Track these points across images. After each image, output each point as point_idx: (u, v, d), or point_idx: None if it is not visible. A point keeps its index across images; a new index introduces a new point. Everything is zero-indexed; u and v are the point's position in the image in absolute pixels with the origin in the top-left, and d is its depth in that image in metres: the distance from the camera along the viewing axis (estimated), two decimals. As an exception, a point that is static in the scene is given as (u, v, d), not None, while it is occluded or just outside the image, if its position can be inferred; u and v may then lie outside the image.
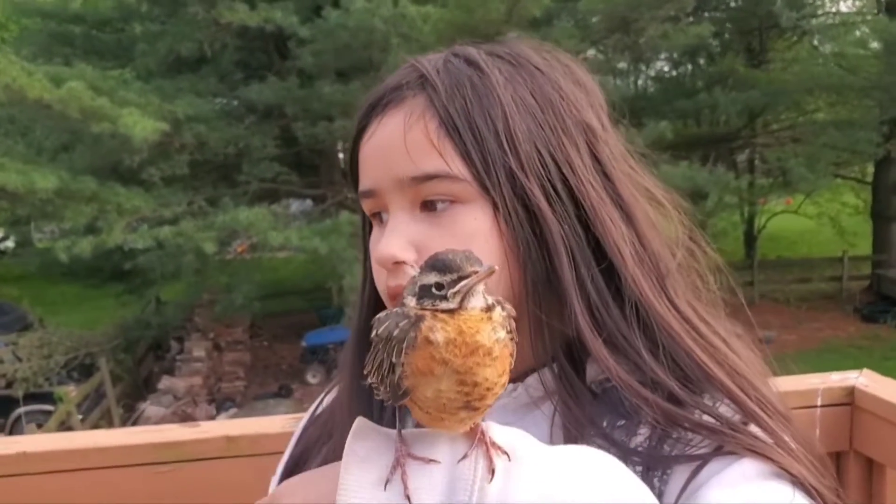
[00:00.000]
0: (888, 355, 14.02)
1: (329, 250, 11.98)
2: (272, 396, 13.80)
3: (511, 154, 0.91)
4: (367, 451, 0.70)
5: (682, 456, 0.83)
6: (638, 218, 0.96)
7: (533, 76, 0.97)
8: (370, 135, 0.96)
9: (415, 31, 11.86)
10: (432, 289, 0.66)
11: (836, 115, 19.66)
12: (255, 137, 14.39)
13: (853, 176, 21.37)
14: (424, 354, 0.64)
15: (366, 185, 0.97)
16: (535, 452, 0.69)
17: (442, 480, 0.67)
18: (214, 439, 1.93)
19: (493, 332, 0.65)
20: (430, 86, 0.94)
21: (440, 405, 0.66)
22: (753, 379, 0.92)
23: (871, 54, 18.87)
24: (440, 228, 0.91)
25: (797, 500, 0.79)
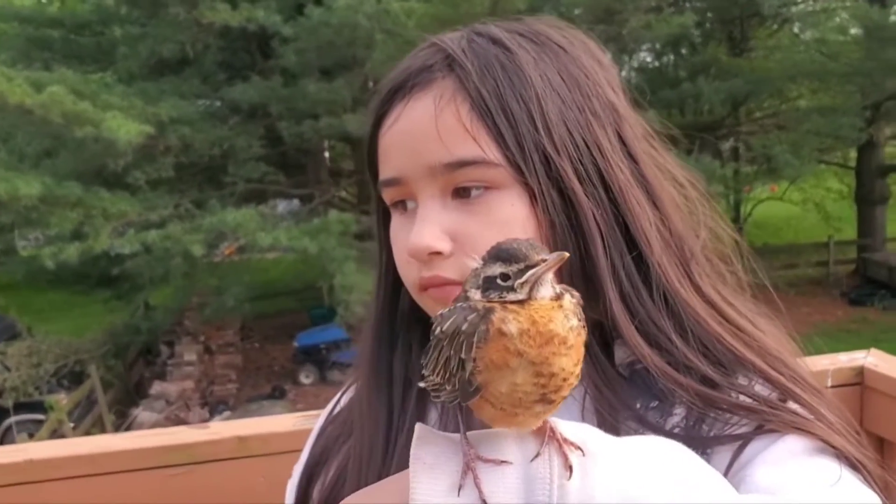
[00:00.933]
0: (878, 337, 14.13)
1: (319, 250, 11.96)
2: (265, 398, 13.75)
3: (545, 137, 0.89)
4: (433, 456, 0.66)
5: (724, 436, 0.82)
6: (663, 200, 0.95)
7: (557, 55, 0.95)
8: (393, 120, 0.92)
9: (399, 27, 11.83)
10: (497, 280, 0.63)
11: (819, 101, 19.80)
12: (241, 138, 14.34)
13: (836, 161, 21.53)
14: (498, 347, 0.61)
15: (390, 174, 0.93)
16: (609, 446, 0.67)
17: (516, 481, 0.64)
18: (225, 440, 1.91)
19: (566, 319, 0.63)
20: (459, 66, 0.90)
21: (515, 400, 0.63)
22: (785, 357, 0.91)
23: (851, 40, 19.00)
24: (475, 216, 0.89)
25: (844, 473, 0.77)
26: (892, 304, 17.20)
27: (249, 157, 14.53)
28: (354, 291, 11.81)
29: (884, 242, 20.27)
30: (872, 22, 16.95)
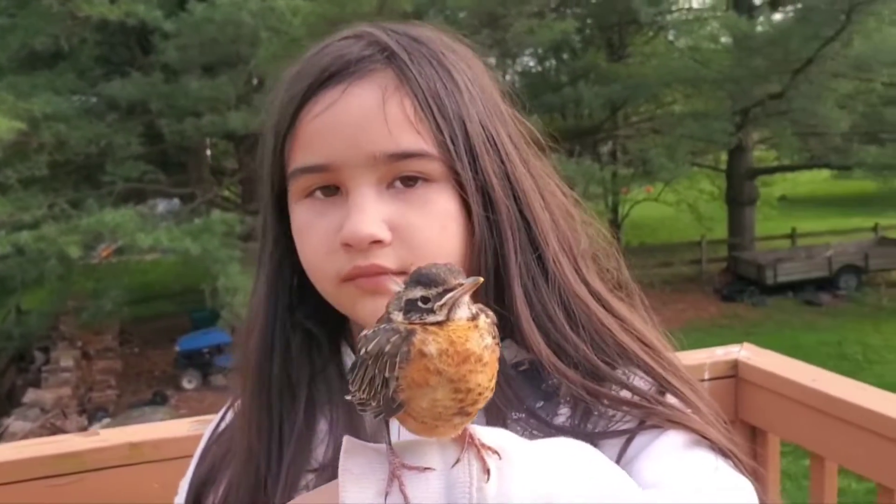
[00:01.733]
0: (749, 331, 14.87)
1: (202, 251, 11.67)
2: (147, 404, 13.33)
3: (473, 137, 0.91)
4: (360, 467, 0.69)
5: (608, 432, 0.86)
6: (552, 202, 0.99)
7: (468, 62, 0.97)
8: (326, 106, 0.89)
9: (284, 25, 11.71)
10: (418, 302, 0.66)
11: (692, 106, 20.67)
12: (119, 135, 13.84)
13: (708, 164, 22.49)
14: (419, 367, 0.65)
15: (316, 160, 0.90)
16: (523, 449, 0.70)
17: (439, 485, 0.67)
18: (116, 447, 1.86)
19: (482, 339, 0.66)
20: (400, 60, 0.91)
21: (436, 413, 0.67)
22: (663, 350, 0.96)
23: (722, 48, 19.93)
24: (412, 207, 0.89)
25: (720, 464, 0.83)
26: (761, 300, 18.10)
27: (128, 155, 14.03)
28: (239, 293, 11.57)
29: (752, 241, 21.30)
30: (741, 31, 17.87)
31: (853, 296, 18.34)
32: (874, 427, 1.65)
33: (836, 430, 1.78)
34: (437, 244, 0.90)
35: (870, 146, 19.41)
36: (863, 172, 19.32)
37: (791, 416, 1.89)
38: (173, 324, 16.76)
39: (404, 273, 0.84)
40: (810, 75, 17.33)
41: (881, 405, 1.67)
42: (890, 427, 1.61)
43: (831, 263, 18.92)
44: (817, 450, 1.88)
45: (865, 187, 25.37)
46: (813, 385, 1.84)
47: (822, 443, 1.86)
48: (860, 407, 1.69)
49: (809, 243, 21.67)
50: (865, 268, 19.11)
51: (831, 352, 13.90)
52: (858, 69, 17.31)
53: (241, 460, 0.97)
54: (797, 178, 28.28)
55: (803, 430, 1.89)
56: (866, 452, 1.71)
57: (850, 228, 23.49)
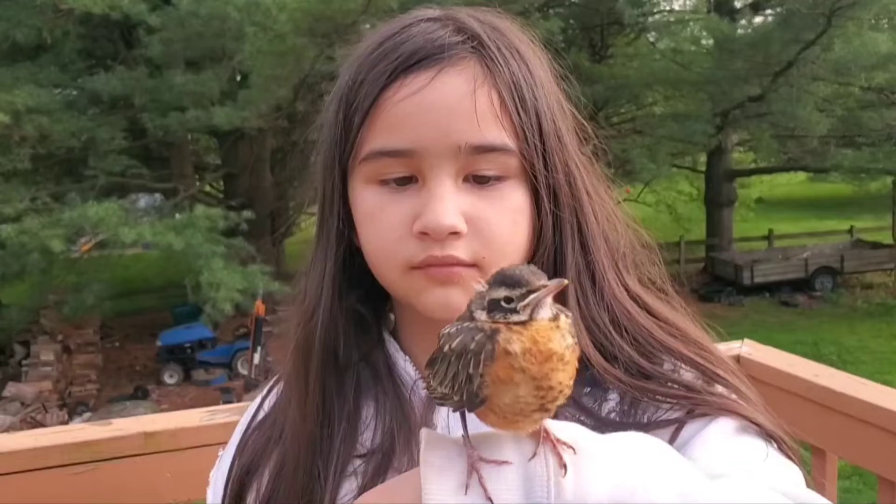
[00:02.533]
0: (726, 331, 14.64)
1: (185, 245, 11.59)
2: (128, 399, 13.24)
3: (547, 134, 0.92)
4: (441, 459, 0.70)
5: (660, 421, 0.88)
6: (599, 204, 1.00)
7: (540, 57, 0.98)
8: (414, 90, 0.88)
9: (270, 20, 11.66)
10: (502, 302, 0.68)
11: (673, 108, 20.76)
12: (102, 129, 13.71)
13: (688, 166, 22.64)
14: (504, 364, 0.67)
15: (401, 144, 0.88)
16: (598, 444, 0.71)
17: (517, 480, 0.68)
18: (131, 436, 1.88)
19: (563, 339, 0.69)
20: (488, 52, 0.90)
21: (517, 409, 0.68)
22: (705, 342, 0.98)
23: (703, 51, 20.06)
24: (489, 202, 0.90)
25: (770, 450, 0.85)
26: (737, 301, 18.27)
27: (111, 149, 13.90)
28: (222, 289, 11.51)
29: (730, 242, 21.48)
30: (723, 34, 17.98)
31: (829, 297, 18.55)
32: (875, 420, 1.71)
33: (838, 423, 1.84)
34: (508, 239, 0.91)
35: (846, 150, 19.62)
36: (839, 176, 19.52)
37: (793, 410, 1.95)
38: (155, 319, 16.66)
39: (475, 266, 0.89)
40: (790, 78, 17.48)
41: (881, 399, 1.73)
42: (890, 420, 1.67)
43: (807, 265, 19.13)
44: (819, 443, 1.94)
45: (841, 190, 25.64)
46: (815, 380, 1.91)
47: (823, 436, 1.92)
48: (861, 401, 1.75)
49: (786, 245, 21.88)
50: (841, 270, 19.34)
51: (807, 352, 14.04)
52: (837, 73, 17.47)
53: (291, 444, 0.97)
54: (774, 180, 28.55)
55: (805, 424, 1.94)
56: (867, 446, 1.77)
57: (825, 231, 23.77)
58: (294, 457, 0.97)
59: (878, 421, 1.71)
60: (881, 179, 19.41)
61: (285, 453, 0.98)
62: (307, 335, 0.97)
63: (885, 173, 18.21)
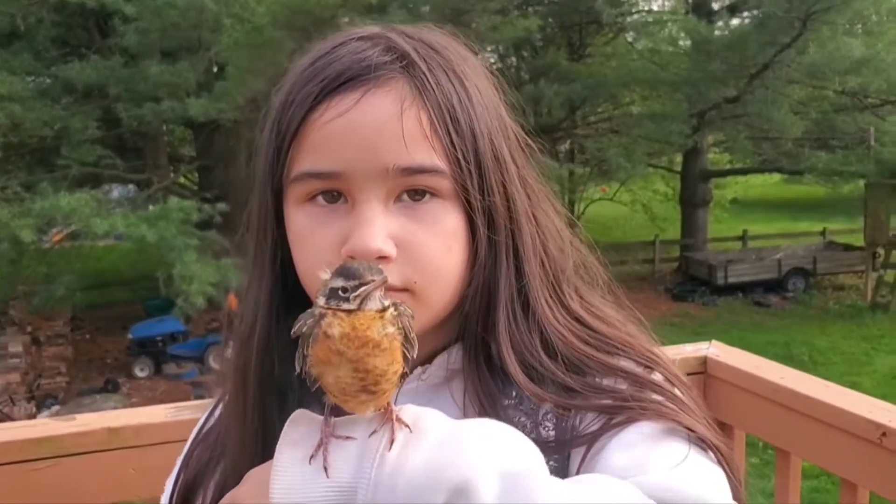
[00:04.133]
0: (698, 331, 15.11)
1: (158, 238, 11.49)
2: (98, 392, 13.10)
3: (482, 154, 0.91)
4: (299, 434, 0.77)
5: (581, 436, 0.89)
6: (543, 225, 0.99)
7: (478, 76, 0.96)
8: (340, 112, 0.87)
9: (248, 12, 11.59)
10: (339, 291, 0.75)
11: (650, 108, 20.91)
12: (75, 119, 13.54)
13: (663, 165, 22.80)
14: (324, 346, 0.74)
15: (328, 166, 0.88)
16: (435, 424, 0.76)
17: (354, 452, 0.75)
18: (95, 432, 1.87)
19: (383, 328, 0.75)
20: (418, 71, 0.89)
21: (341, 389, 0.76)
22: (649, 348, 0.98)
23: (681, 51, 20.20)
24: (420, 223, 0.89)
25: (692, 453, 0.83)
26: (711, 300, 18.40)
27: (84, 139, 13.73)
28: (195, 282, 11.43)
29: (705, 242, 21.65)
30: (700, 35, 18.13)
31: (801, 298, 18.71)
32: (839, 423, 1.73)
33: (803, 425, 1.85)
34: (441, 262, 0.90)
35: (820, 152, 19.85)
36: (813, 178, 19.72)
37: (758, 412, 1.97)
38: (126, 311, 16.51)
39: (407, 290, 0.88)
40: (766, 81, 17.65)
41: (845, 402, 1.75)
42: (854, 423, 1.69)
43: (780, 266, 19.29)
44: (783, 445, 1.96)
45: (815, 192, 25.92)
46: (781, 382, 1.92)
47: (788, 438, 1.94)
48: (826, 404, 1.77)
49: (759, 246, 22.06)
50: (813, 271, 19.52)
51: (779, 352, 14.18)
52: (812, 76, 17.67)
53: (231, 467, 0.97)
54: (749, 181, 28.80)
55: (770, 425, 1.96)
56: (831, 448, 1.79)
57: (798, 232, 24.00)
58: (227, 474, 0.98)
59: (840, 423, 1.73)
60: (854, 182, 19.60)
61: (227, 474, 0.98)
62: (244, 360, 0.97)
63: (857, 176, 18.41)
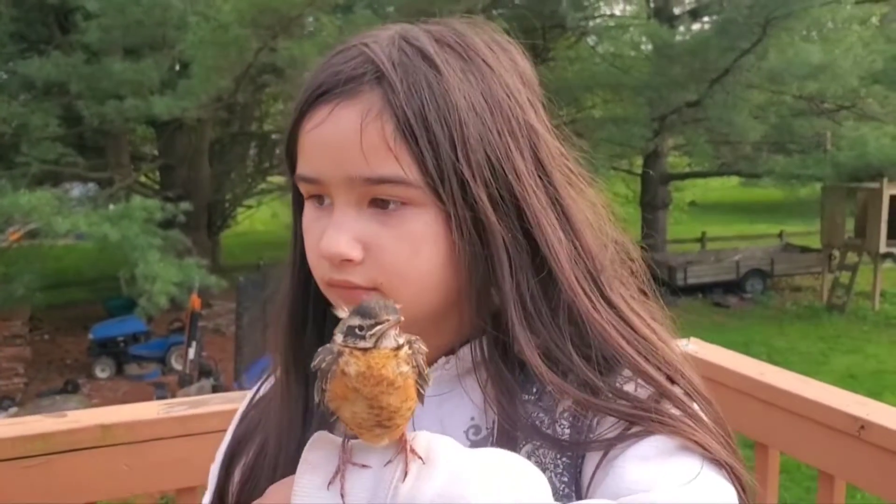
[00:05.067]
0: (660, 332, 15.27)
1: (121, 237, 11.33)
2: (58, 393, 12.85)
3: (464, 163, 0.91)
4: (318, 458, 0.81)
5: (596, 441, 0.90)
6: (576, 219, 0.99)
7: (483, 75, 0.96)
8: (316, 123, 0.92)
9: (213, 10, 11.49)
10: (356, 329, 0.78)
11: (611, 111, 21.08)
12: (35, 115, 13.31)
13: (624, 168, 23.02)
14: (340, 384, 0.78)
15: (309, 173, 0.95)
16: (446, 455, 0.79)
17: (369, 481, 0.78)
18: (88, 429, 1.87)
19: (398, 367, 0.78)
20: (388, 83, 0.90)
21: (357, 423, 0.79)
22: (679, 363, 0.98)
23: (643, 56, 20.43)
24: (389, 228, 0.92)
25: (705, 471, 0.83)
26: (672, 301, 18.63)
27: (44, 136, 13.52)
28: (158, 282, 11.31)
29: (665, 244, 21.93)
30: (662, 40, 18.32)
31: (759, 299, 19.05)
32: (819, 417, 1.80)
33: (782, 420, 1.92)
34: (406, 265, 0.92)
35: (778, 156, 20.17)
36: (770, 181, 20.02)
37: (738, 406, 2.03)
38: (87, 311, 16.27)
39: (375, 289, 0.93)
40: (726, 85, 17.89)
41: (826, 397, 1.83)
42: (834, 417, 1.76)
43: (739, 267, 19.60)
44: (762, 439, 2.03)
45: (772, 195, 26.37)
46: (761, 378, 1.99)
47: (767, 432, 2.01)
48: (806, 399, 1.84)
49: (718, 247, 22.40)
50: (771, 272, 19.87)
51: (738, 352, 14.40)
52: (772, 81, 17.95)
53: (271, 427, 1.06)
54: (708, 184, 29.23)
55: (749, 420, 2.03)
56: (810, 441, 1.86)
57: (756, 234, 24.44)
58: (272, 439, 1.06)
59: (820, 417, 1.80)
60: (810, 185, 19.99)
61: (267, 434, 1.07)
62: (275, 339, 1.08)
63: (814, 179, 18.75)
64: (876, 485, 1.67)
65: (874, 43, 18.19)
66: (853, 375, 12.66)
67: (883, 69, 17.56)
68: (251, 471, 1.08)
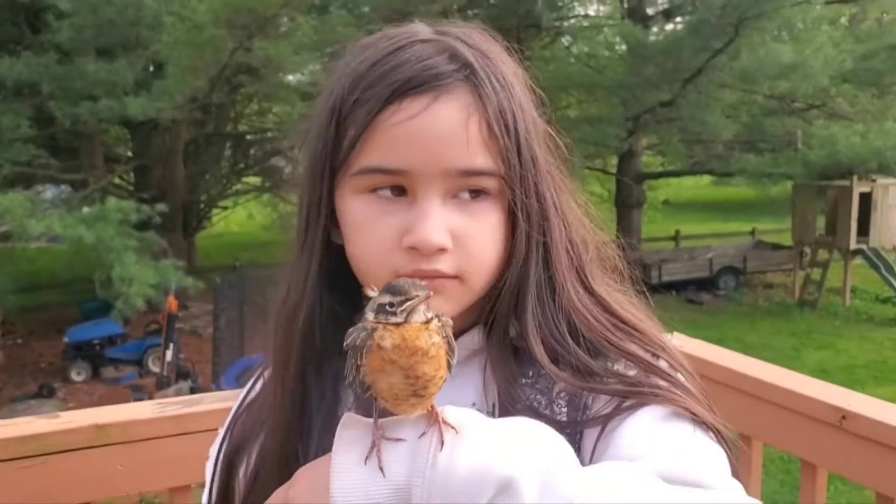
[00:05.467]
0: (636, 329, 15.38)
1: (96, 239, 11.22)
2: (33, 397, 12.69)
3: (525, 156, 0.99)
4: (351, 437, 0.83)
5: (593, 418, 0.97)
6: (568, 215, 1.07)
7: (517, 79, 1.03)
8: (410, 115, 0.94)
9: (188, 10, 11.42)
10: (386, 307, 0.82)
11: (586, 111, 21.19)
12: (6, 117, 13.12)
13: (599, 168, 23.15)
14: (377, 357, 0.81)
15: (395, 164, 0.95)
16: (476, 426, 0.82)
17: (406, 453, 0.80)
18: (83, 429, 1.88)
19: (430, 337, 0.81)
20: (478, 79, 0.96)
21: (394, 395, 0.82)
22: (661, 340, 1.06)
23: (617, 56, 20.55)
24: (472, 219, 0.97)
25: (698, 435, 0.91)
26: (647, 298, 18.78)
27: (16, 137, 13.34)
28: (134, 284, 11.23)
29: (639, 242, 22.04)
30: (636, 40, 18.45)
31: (732, 296, 19.25)
32: (801, 408, 1.85)
33: (765, 412, 1.97)
34: (488, 254, 0.99)
35: (749, 154, 20.39)
36: (742, 179, 20.23)
37: (721, 399, 2.06)
38: (61, 314, 16.08)
39: (458, 277, 0.97)
40: (699, 85, 18.06)
41: (808, 388, 1.87)
42: (816, 408, 1.81)
43: (712, 265, 19.79)
44: (745, 431, 2.08)
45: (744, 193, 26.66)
46: (744, 371, 2.04)
47: (750, 424, 2.05)
48: (789, 391, 1.89)
49: (692, 245, 22.57)
50: (743, 269, 20.08)
51: (714, 348, 14.53)
52: (744, 81, 18.13)
53: (271, 429, 1.07)
54: (681, 183, 29.50)
55: (733, 412, 2.06)
56: (793, 432, 1.91)
57: (729, 232, 24.66)
58: (269, 442, 1.07)
59: (802, 408, 1.85)
60: (782, 184, 20.23)
61: (268, 437, 1.08)
62: (290, 329, 1.06)
63: (785, 178, 18.98)
64: (858, 473, 1.73)
65: (844, 43, 18.45)
66: (825, 370, 12.83)
67: (853, 69, 17.80)
68: (255, 477, 1.09)
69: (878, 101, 21.33)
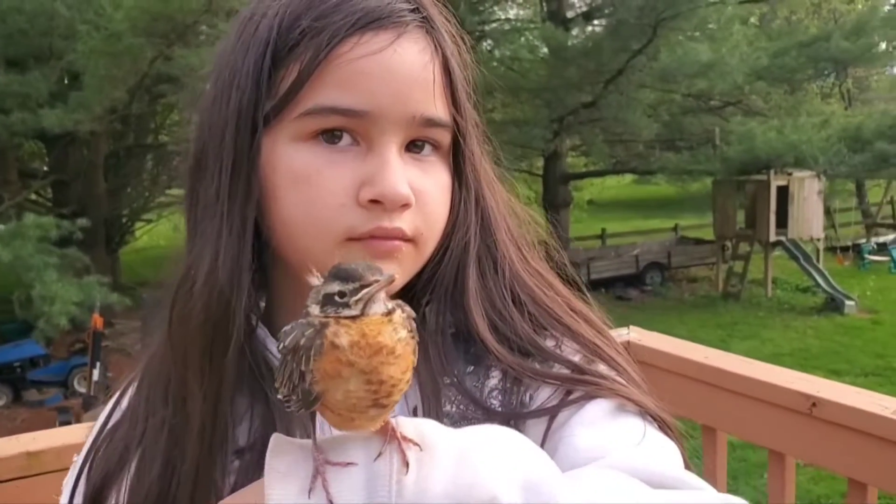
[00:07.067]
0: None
1: (13, 257, 10.80)
2: (-50, 424, 12.20)
3: (468, 118, 0.92)
4: (286, 465, 0.68)
5: (538, 410, 0.89)
6: (500, 191, 1.02)
7: (458, 41, 0.94)
8: (373, 50, 0.82)
9: (104, 19, 11.09)
10: (335, 297, 0.67)
11: (511, 114, 21.38)
12: (-89, 132, 12.58)
13: (526, 169, 23.37)
14: (331, 359, 0.65)
15: (356, 104, 0.82)
16: (443, 439, 0.70)
17: (361, 480, 0.66)
18: (13, 457, 1.76)
19: (395, 332, 0.67)
20: (433, 23, 0.88)
21: (350, 405, 0.67)
22: (597, 323, 1.00)
23: (539, 58, 20.78)
24: (426, 174, 0.88)
25: (648, 429, 0.84)
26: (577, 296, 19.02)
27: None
28: (57, 302, 10.83)
29: (567, 242, 22.35)
30: (557, 42, 18.69)
31: (658, 291, 19.66)
32: (768, 398, 1.83)
33: (729, 402, 1.95)
34: (441, 215, 0.90)
35: (669, 153, 20.86)
36: (663, 177, 20.69)
37: (683, 391, 2.06)
38: (-23, 337, 15.45)
39: (412, 241, 0.86)
40: (620, 86, 18.40)
41: (774, 377, 1.86)
42: (784, 396, 1.79)
43: (638, 261, 20.18)
44: (709, 422, 2.06)
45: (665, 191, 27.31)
46: (706, 361, 2.02)
47: (714, 416, 2.04)
48: (755, 380, 1.87)
49: (617, 243, 22.97)
50: (668, 265, 20.54)
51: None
52: (663, 80, 18.53)
53: (153, 442, 0.89)
54: (604, 182, 30.01)
55: (695, 404, 2.06)
56: (758, 421, 1.89)
57: (651, 229, 25.18)
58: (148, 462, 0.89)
59: (770, 397, 1.83)
60: (701, 180, 20.74)
61: (146, 469, 0.89)
62: (201, 324, 0.84)
63: (705, 174, 19.47)
64: (829, 459, 1.71)
65: (758, 41, 19.01)
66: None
67: (766, 66, 18.35)
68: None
69: (790, 97, 22.06)
